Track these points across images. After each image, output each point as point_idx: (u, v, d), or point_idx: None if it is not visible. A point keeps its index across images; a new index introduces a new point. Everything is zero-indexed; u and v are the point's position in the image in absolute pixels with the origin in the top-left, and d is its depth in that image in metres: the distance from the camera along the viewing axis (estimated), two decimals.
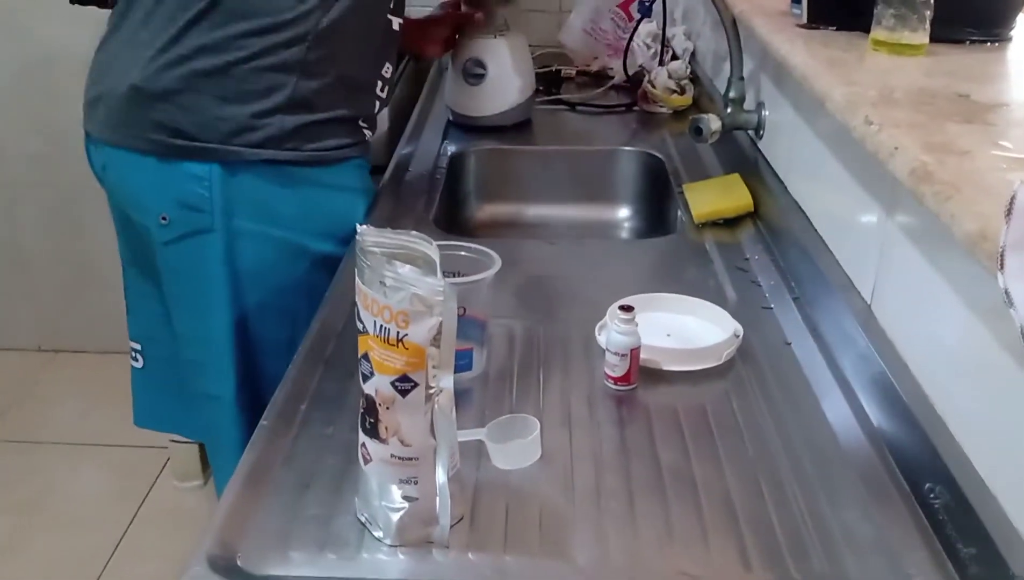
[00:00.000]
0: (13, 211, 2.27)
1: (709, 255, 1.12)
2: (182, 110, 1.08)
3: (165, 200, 1.12)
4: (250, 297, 1.14)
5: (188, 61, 1.07)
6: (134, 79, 1.08)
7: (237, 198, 1.11)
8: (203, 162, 1.09)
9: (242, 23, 1.06)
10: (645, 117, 1.66)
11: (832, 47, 0.99)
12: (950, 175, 0.63)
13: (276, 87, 1.09)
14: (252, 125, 1.09)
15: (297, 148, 1.11)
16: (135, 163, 1.12)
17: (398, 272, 0.58)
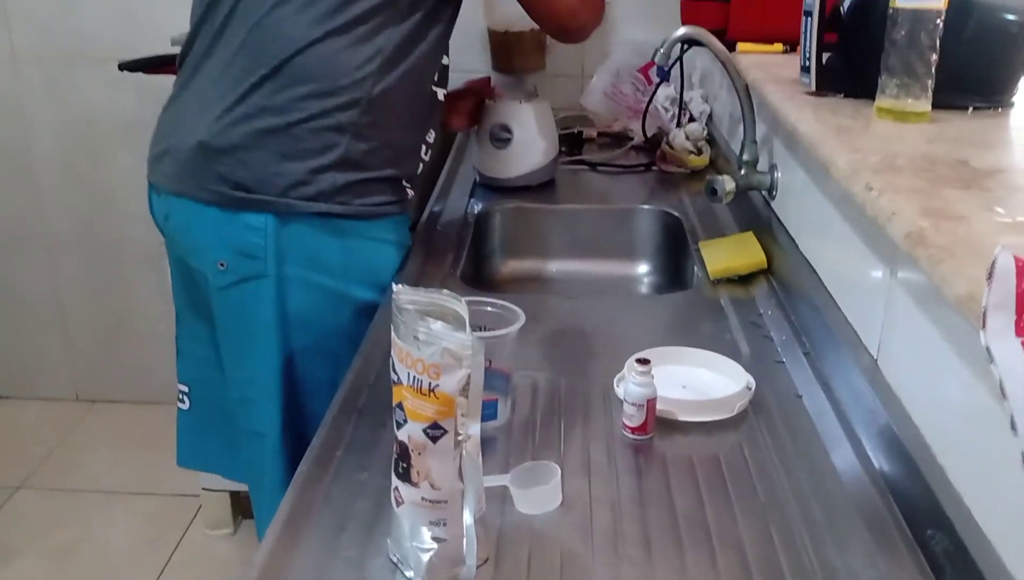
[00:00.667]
0: (55, 266, 2.37)
1: (724, 310, 1.17)
2: (244, 165, 1.16)
3: (223, 247, 1.19)
4: (297, 339, 1.21)
5: (252, 120, 1.16)
6: (201, 135, 1.17)
7: (289, 247, 1.18)
8: (260, 213, 1.17)
9: (302, 87, 1.15)
10: (664, 177, 1.72)
11: (839, 114, 1.05)
12: (944, 239, 0.68)
13: (331, 146, 1.17)
14: (307, 180, 1.17)
15: (346, 203, 1.19)
16: (197, 212, 1.20)
17: (431, 328, 0.63)
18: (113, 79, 2.10)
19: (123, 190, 2.23)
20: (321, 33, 1.13)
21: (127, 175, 2.22)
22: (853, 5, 1.09)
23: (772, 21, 1.37)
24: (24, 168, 2.26)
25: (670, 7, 1.93)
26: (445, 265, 1.33)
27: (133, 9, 2.10)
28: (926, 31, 0.97)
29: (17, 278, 2.38)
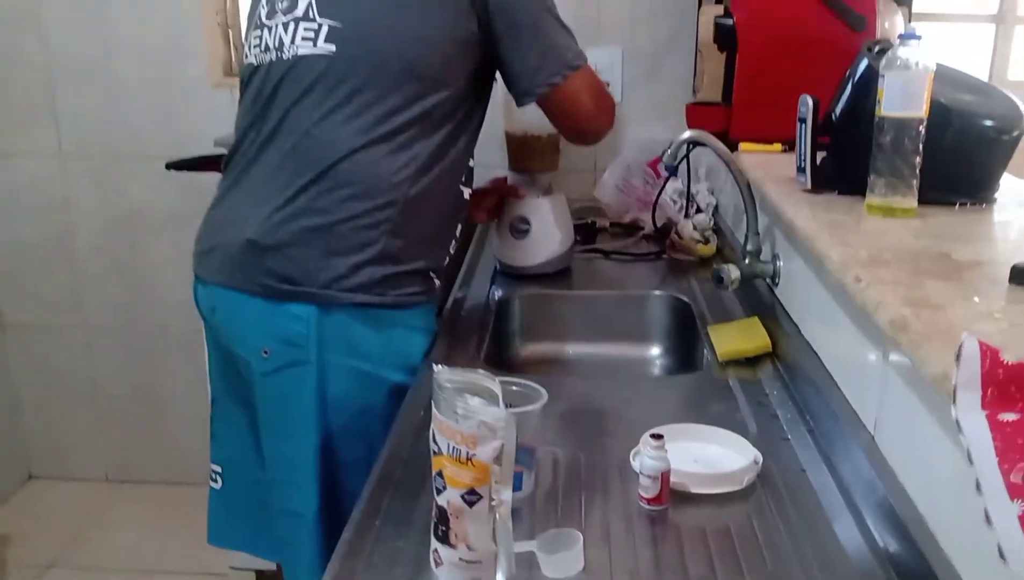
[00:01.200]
0: (93, 350, 2.47)
1: (732, 391, 1.24)
2: (290, 260, 1.26)
3: (268, 336, 1.28)
4: (335, 421, 1.29)
5: (298, 219, 1.25)
6: (251, 233, 1.27)
7: (330, 335, 1.27)
8: (304, 304, 1.26)
9: (345, 190, 1.25)
10: (673, 264, 1.82)
11: (833, 211, 1.15)
12: (924, 326, 0.76)
13: (370, 243, 1.26)
14: (348, 274, 1.26)
15: (382, 294, 1.28)
16: (244, 303, 1.29)
17: (468, 403, 0.72)
18: (155, 175, 2.25)
19: (161, 279, 2.35)
20: (363, 142, 1.24)
21: (166, 265, 2.35)
22: (843, 113, 1.20)
23: (771, 123, 1.49)
24: (67, 257, 2.39)
25: (675, 107, 2.07)
26: (470, 349, 1.42)
27: (175, 111, 2.26)
28: (909, 137, 1.08)
29: (56, 362, 2.48)
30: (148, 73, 2.23)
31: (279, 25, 1.29)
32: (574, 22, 2.06)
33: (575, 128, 1.43)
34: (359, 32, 1.25)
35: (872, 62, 1.15)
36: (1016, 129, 1.18)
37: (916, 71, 1.06)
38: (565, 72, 1.32)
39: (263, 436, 1.35)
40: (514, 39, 1.29)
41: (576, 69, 1.33)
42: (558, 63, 1.31)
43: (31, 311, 2.44)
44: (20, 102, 2.27)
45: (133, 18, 2.19)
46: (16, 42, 2.23)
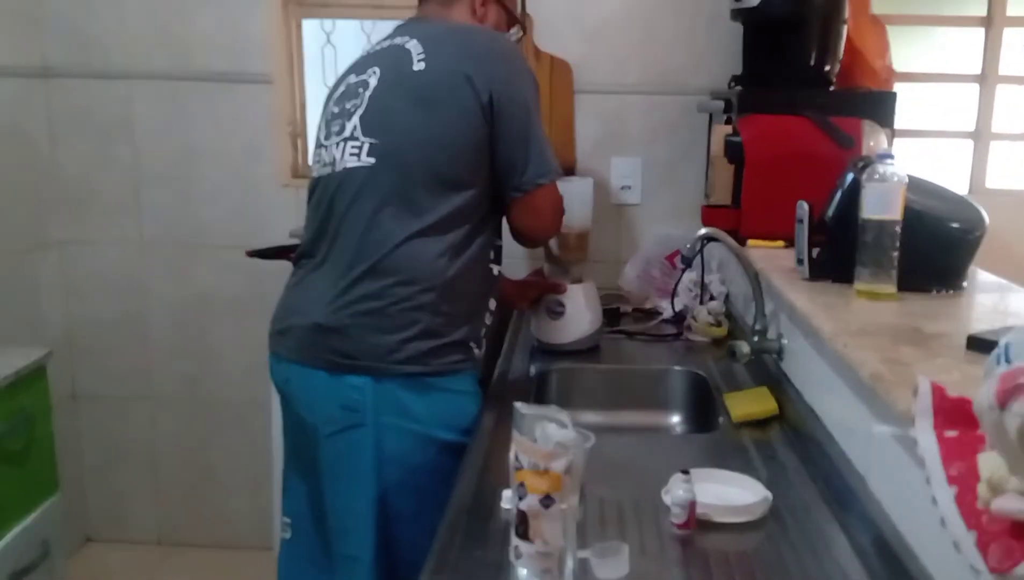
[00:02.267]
0: (156, 419, 2.68)
1: (746, 446, 1.45)
2: (349, 339, 1.47)
3: (331, 403, 1.49)
4: (390, 476, 1.47)
5: (355, 305, 1.47)
6: (317, 318, 1.49)
7: (384, 401, 1.47)
8: (361, 375, 1.46)
9: (392, 277, 1.46)
10: (690, 345, 2.04)
11: (827, 295, 1.38)
12: (895, 378, 0.99)
13: (415, 322, 1.47)
14: (397, 349, 1.46)
15: (427, 364, 1.48)
16: (311, 376, 1.50)
17: (546, 428, 0.94)
18: (223, 264, 2.53)
19: (223, 356, 2.58)
20: (405, 236, 1.46)
21: (228, 344, 2.58)
22: (834, 216, 1.45)
23: (774, 223, 1.73)
24: (140, 336, 2.62)
25: (688, 208, 2.36)
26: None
27: (246, 207, 2.53)
28: (888, 235, 1.32)
29: (120, 431, 2.69)
30: (223, 173, 2.52)
31: (333, 145, 1.54)
32: (601, 136, 2.42)
33: (532, 227, 1.62)
34: (393, 147, 1.48)
35: (857, 175, 1.40)
36: (978, 230, 1.42)
37: (892, 183, 1.31)
38: (551, 176, 1.55)
39: (326, 491, 1.54)
40: (512, 141, 1.50)
41: (548, 181, 1.55)
42: (544, 167, 1.53)
43: (103, 384, 2.66)
44: (109, 196, 2.54)
45: (214, 126, 2.49)
46: (110, 145, 2.52)
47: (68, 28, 2.47)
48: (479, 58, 1.51)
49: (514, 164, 1.52)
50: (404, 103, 1.49)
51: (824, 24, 2.01)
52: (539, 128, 1.54)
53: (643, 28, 2.38)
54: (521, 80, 1.53)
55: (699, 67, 2.37)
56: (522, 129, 1.51)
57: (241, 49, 2.45)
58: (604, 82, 2.41)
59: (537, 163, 1.53)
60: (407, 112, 1.49)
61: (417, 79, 1.50)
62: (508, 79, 1.50)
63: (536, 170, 1.53)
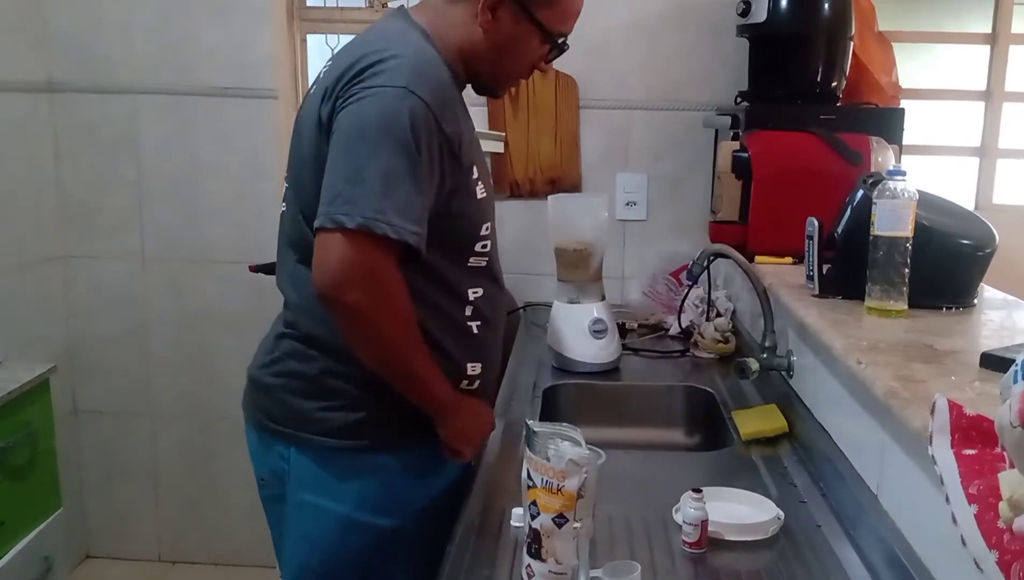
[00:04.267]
0: (157, 434, 2.67)
1: (755, 464, 1.44)
2: (274, 401, 1.31)
3: (264, 466, 1.37)
4: (309, 559, 1.31)
5: (279, 363, 1.30)
6: (253, 371, 1.36)
7: (303, 475, 1.29)
8: (285, 443, 1.30)
9: (315, 338, 1.26)
10: (697, 361, 2.03)
11: (837, 311, 1.38)
12: (909, 395, 0.98)
13: (339, 390, 1.26)
14: (319, 417, 1.27)
15: (358, 436, 1.26)
16: (250, 431, 1.39)
17: (559, 445, 0.93)
18: (227, 278, 2.52)
19: (226, 371, 2.57)
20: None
21: (231, 359, 2.56)
22: (844, 232, 1.44)
23: (782, 239, 1.73)
24: (143, 351, 2.61)
25: (694, 224, 2.36)
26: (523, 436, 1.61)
27: (247, 223, 2.52)
28: (899, 252, 1.31)
29: (121, 446, 2.67)
30: (227, 189, 2.52)
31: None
32: (606, 152, 2.41)
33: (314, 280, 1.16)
34: (294, 191, 1.28)
35: (867, 192, 1.40)
36: (989, 247, 1.42)
37: (903, 199, 1.31)
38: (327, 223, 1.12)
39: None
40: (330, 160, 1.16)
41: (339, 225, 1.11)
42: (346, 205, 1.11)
43: (104, 399, 2.65)
44: (113, 212, 2.54)
45: (218, 142, 2.49)
46: (114, 160, 2.52)
47: (73, 44, 2.47)
48: (348, 64, 1.19)
49: (322, 191, 1.15)
50: (299, 137, 1.28)
51: (831, 40, 2.02)
52: (372, 162, 1.12)
53: (648, 43, 2.38)
54: (376, 99, 1.14)
55: (704, 83, 2.37)
56: (339, 151, 1.15)
57: (246, 64, 2.45)
58: (609, 97, 2.41)
59: (339, 198, 1.12)
60: (299, 148, 1.27)
61: (303, 108, 1.29)
62: (359, 93, 1.15)
63: (334, 206, 1.12)
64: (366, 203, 1.11)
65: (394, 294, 1.17)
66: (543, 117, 2.39)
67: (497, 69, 1.33)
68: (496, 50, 1.29)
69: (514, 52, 1.31)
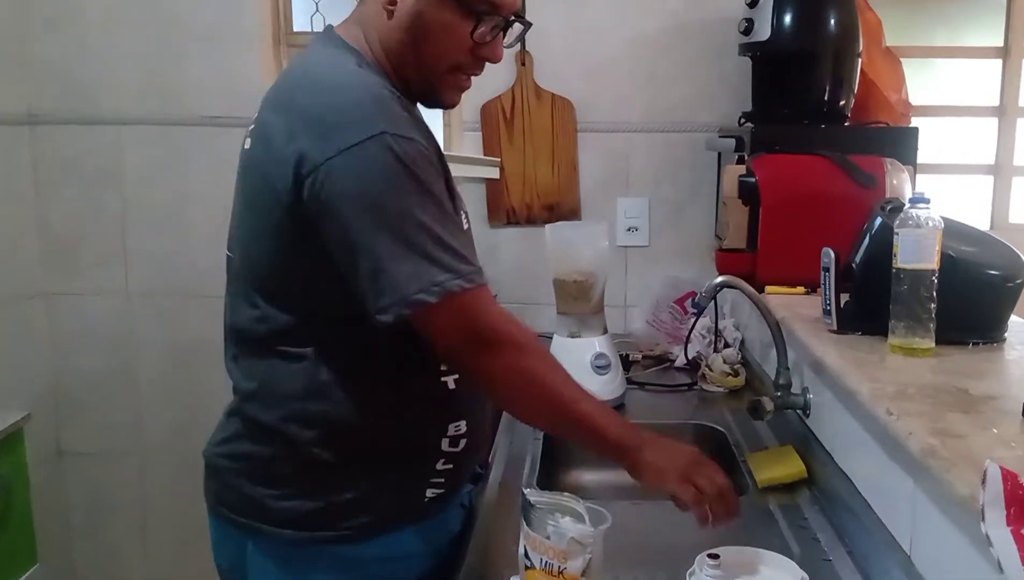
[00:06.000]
0: (145, 474, 2.56)
1: (773, 515, 1.34)
2: (225, 486, 1.18)
3: (220, 554, 1.23)
4: None
5: (229, 443, 1.19)
6: (206, 450, 1.23)
7: (261, 570, 1.15)
8: (241, 532, 1.15)
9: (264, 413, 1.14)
10: (705, 395, 1.94)
11: (858, 350, 1.28)
12: (949, 453, 0.88)
13: (295, 475, 1.13)
14: (275, 505, 1.12)
15: (321, 528, 1.12)
16: (208, 516, 1.23)
17: (559, 522, 0.83)
18: (215, 312, 2.37)
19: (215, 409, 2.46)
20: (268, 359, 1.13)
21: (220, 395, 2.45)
22: (863, 263, 1.35)
23: (793, 268, 1.64)
24: (129, 389, 2.51)
25: (698, 250, 2.27)
26: (521, 476, 1.52)
27: None
28: (924, 285, 1.22)
29: (108, 487, 2.57)
30: (215, 220, 2.40)
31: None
32: (606, 176, 2.32)
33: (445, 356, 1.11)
34: (242, 261, 1.18)
35: (886, 220, 1.31)
36: (1019, 277, 1.32)
37: (927, 229, 1.22)
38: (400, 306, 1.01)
39: None
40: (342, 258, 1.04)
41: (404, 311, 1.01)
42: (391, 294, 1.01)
43: (89, 439, 2.55)
44: (96, 246, 2.45)
45: (205, 171, 2.40)
46: (98, 193, 2.43)
47: (55, 73, 2.39)
48: (298, 124, 1.03)
49: (357, 287, 1.03)
50: (247, 202, 1.14)
51: (838, 57, 1.93)
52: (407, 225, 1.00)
53: (647, 64, 2.30)
54: (361, 160, 1.00)
55: (706, 103, 2.28)
56: (363, 234, 1.01)
57: (232, 92, 2.36)
58: (608, 120, 2.32)
59: (379, 289, 1.01)
60: (248, 214, 1.15)
61: (251, 168, 1.13)
62: (336, 161, 0.99)
63: (380, 299, 1.01)
64: (433, 267, 1.00)
65: (523, 334, 1.08)
66: (539, 141, 2.31)
67: (421, 63, 1.13)
68: (411, 39, 1.11)
69: (430, 36, 1.11)
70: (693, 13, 2.26)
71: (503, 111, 2.30)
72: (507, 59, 2.27)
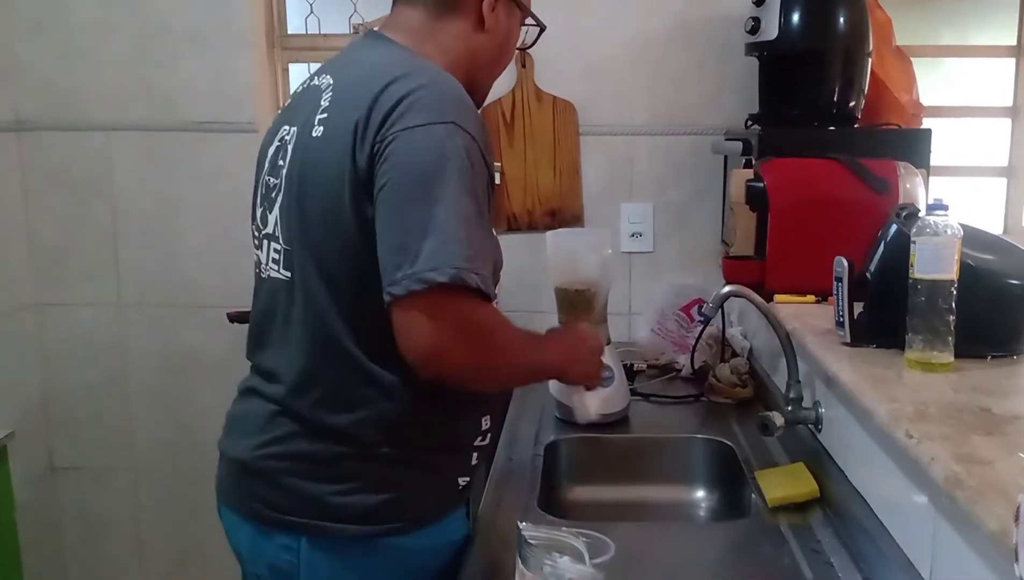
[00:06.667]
0: (139, 490, 2.50)
1: (784, 536, 1.28)
2: (276, 487, 1.15)
3: (260, 562, 1.20)
4: None
5: (281, 443, 1.16)
6: (241, 454, 1.19)
7: (319, 568, 1.15)
8: (292, 533, 1.15)
9: (324, 413, 1.14)
10: (712, 407, 1.87)
11: (873, 364, 1.21)
12: (976, 482, 0.82)
13: (356, 472, 1.14)
14: (335, 501, 1.14)
15: (380, 522, 1.15)
16: (239, 527, 1.21)
17: (556, 561, 0.77)
18: (208, 323, 2.37)
19: (209, 423, 2.38)
20: (336, 358, 1.13)
21: (214, 409, 2.37)
22: (877, 272, 1.28)
23: (803, 276, 1.58)
24: (122, 403, 2.45)
25: (704, 255, 2.21)
26: (522, 494, 1.46)
27: (229, 264, 2.35)
28: (943, 297, 1.15)
29: (102, 504, 2.51)
30: (207, 228, 2.37)
31: (262, 239, 1.23)
32: (609, 181, 2.26)
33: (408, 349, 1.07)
34: (304, 257, 1.14)
35: (902, 227, 1.25)
36: None
37: (946, 237, 1.15)
38: (414, 286, 1.02)
39: None
40: (386, 219, 1.05)
41: (441, 280, 1.01)
42: (433, 260, 1.02)
43: (82, 454, 2.49)
44: (86, 256, 2.39)
45: (197, 179, 2.34)
46: (87, 201, 2.37)
47: (42, 79, 2.33)
48: (376, 101, 1.07)
49: (385, 254, 1.05)
50: (307, 190, 1.13)
51: (847, 57, 1.87)
52: (444, 208, 1.03)
53: (651, 65, 2.23)
54: (427, 138, 1.05)
55: (712, 105, 2.22)
56: (400, 203, 1.04)
57: (225, 97, 2.31)
58: (611, 123, 2.26)
59: (421, 255, 1.02)
60: (312, 205, 1.13)
61: (315, 154, 1.13)
62: (401, 135, 1.05)
63: (419, 265, 1.02)
64: (453, 253, 1.02)
65: (495, 334, 1.13)
66: (541, 145, 2.25)
67: (496, 72, 1.31)
68: (500, 50, 1.27)
69: (510, 45, 1.30)
70: (697, 12, 2.19)
71: (503, 114, 2.24)
72: None
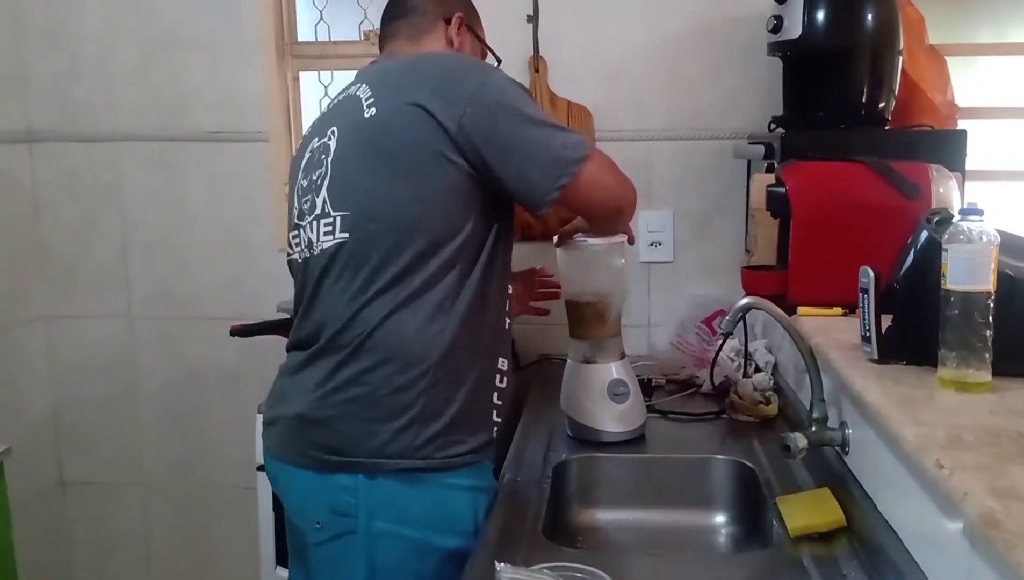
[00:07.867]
0: (148, 505, 2.47)
1: (807, 570, 1.18)
2: (335, 432, 1.31)
3: (319, 507, 1.32)
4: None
5: (339, 392, 1.31)
6: (300, 408, 1.33)
7: (377, 503, 1.30)
8: (351, 474, 1.29)
9: (377, 357, 1.30)
10: (734, 425, 1.77)
11: (903, 383, 1.12)
12: (1015, 523, 0.72)
13: (407, 406, 1.30)
14: (390, 440, 1.29)
15: (428, 457, 1.31)
16: (296, 476, 1.35)
17: None
18: (218, 335, 2.29)
19: (218, 437, 2.37)
20: (388, 310, 1.29)
21: (224, 423, 2.37)
22: (906, 283, 1.19)
23: (829, 287, 1.48)
24: (131, 416, 2.42)
25: (726, 265, 2.11)
26: (527, 518, 1.37)
27: (240, 276, 2.33)
28: (979, 310, 1.06)
29: (111, 519, 2.48)
30: (218, 238, 2.33)
31: (308, 225, 1.38)
32: None
33: (601, 214, 1.47)
34: (364, 216, 1.31)
35: (932, 233, 1.15)
36: None
37: (981, 245, 1.06)
38: (571, 170, 1.31)
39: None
40: (507, 162, 1.30)
41: (580, 162, 1.32)
42: (559, 166, 1.31)
43: (92, 469, 2.46)
44: (96, 267, 2.36)
45: (207, 188, 2.30)
46: (97, 212, 2.35)
47: (53, 90, 2.31)
48: (435, 81, 1.32)
49: (527, 180, 1.31)
50: (363, 161, 1.33)
51: (876, 55, 1.77)
52: (528, 123, 1.31)
53: (668, 67, 2.15)
54: (489, 89, 1.30)
55: (733, 108, 2.13)
56: (511, 138, 1.29)
57: (235, 106, 2.27)
58: (628, 128, 2.18)
59: (551, 163, 1.30)
60: (369, 171, 1.32)
61: (370, 128, 1.33)
62: (474, 95, 1.29)
63: (555, 170, 1.31)
64: (574, 136, 1.34)
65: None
66: None
67: None
68: None
69: None
70: (717, 11, 2.11)
71: None
72: (520, 66, 2.15)
